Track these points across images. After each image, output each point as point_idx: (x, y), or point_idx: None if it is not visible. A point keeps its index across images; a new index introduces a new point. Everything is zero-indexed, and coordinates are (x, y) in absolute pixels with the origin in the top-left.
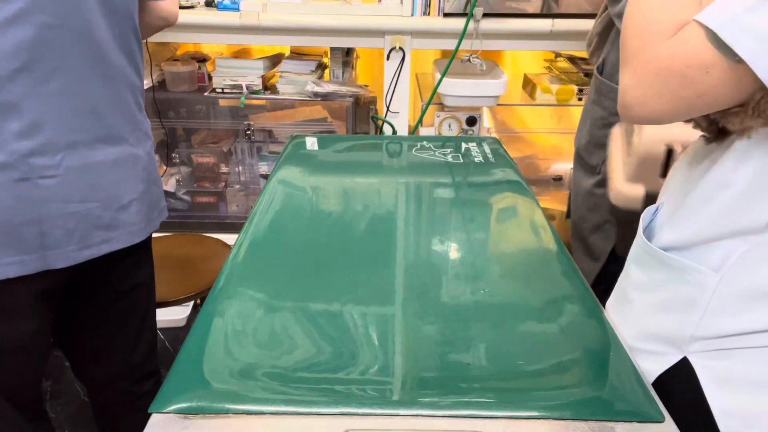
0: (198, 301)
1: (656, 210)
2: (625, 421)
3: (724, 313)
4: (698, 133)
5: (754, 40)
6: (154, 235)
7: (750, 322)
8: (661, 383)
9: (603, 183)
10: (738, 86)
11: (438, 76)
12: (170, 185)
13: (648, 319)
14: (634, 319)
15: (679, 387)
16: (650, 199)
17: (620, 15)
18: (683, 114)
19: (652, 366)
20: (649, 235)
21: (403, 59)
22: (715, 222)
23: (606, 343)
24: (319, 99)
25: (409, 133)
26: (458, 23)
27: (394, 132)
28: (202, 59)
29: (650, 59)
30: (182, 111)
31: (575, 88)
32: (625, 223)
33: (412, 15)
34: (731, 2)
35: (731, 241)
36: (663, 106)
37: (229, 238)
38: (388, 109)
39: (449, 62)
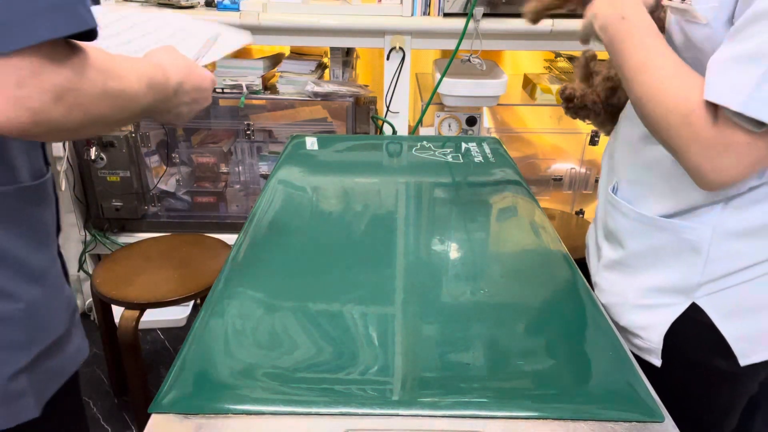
0: (198, 301)
1: (614, 188)
2: (625, 421)
3: (723, 258)
4: None
5: None
6: (154, 234)
7: (745, 259)
8: (673, 329)
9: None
10: None
11: (438, 76)
12: (170, 185)
13: (652, 278)
14: (638, 280)
15: (693, 328)
16: None
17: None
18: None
19: (663, 317)
20: (618, 206)
21: (403, 59)
22: (704, 194)
23: (606, 343)
24: (319, 99)
25: (409, 133)
26: (458, 23)
27: (394, 132)
28: None
29: (710, 140)
30: None
31: None
32: None
33: (412, 15)
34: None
35: (719, 203)
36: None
37: (229, 238)
38: (388, 109)
39: (449, 62)
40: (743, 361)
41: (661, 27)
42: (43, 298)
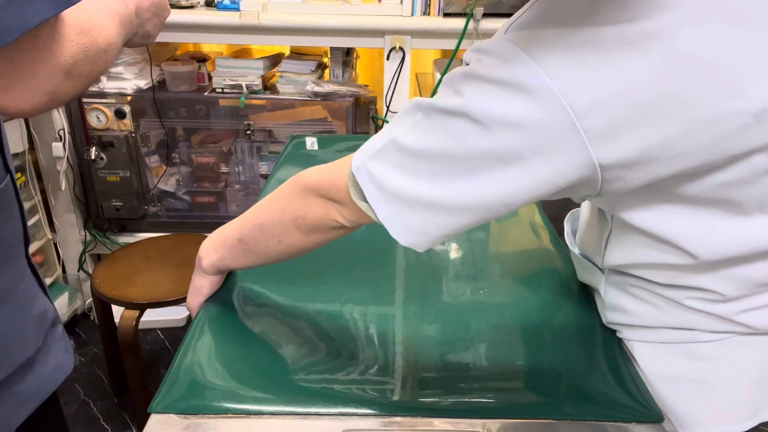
0: None
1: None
2: (624, 421)
3: (614, 309)
4: None
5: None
6: (154, 234)
7: (632, 318)
8: None
9: None
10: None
11: (438, 76)
12: (170, 185)
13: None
14: None
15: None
16: None
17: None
18: None
19: None
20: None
21: (403, 59)
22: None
23: (605, 343)
24: (319, 99)
25: None
26: (458, 23)
27: None
28: (202, 59)
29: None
30: (182, 111)
31: None
32: None
33: (412, 15)
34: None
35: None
36: None
37: None
38: (388, 109)
39: (449, 62)
40: None
41: None
42: (1, 324)
